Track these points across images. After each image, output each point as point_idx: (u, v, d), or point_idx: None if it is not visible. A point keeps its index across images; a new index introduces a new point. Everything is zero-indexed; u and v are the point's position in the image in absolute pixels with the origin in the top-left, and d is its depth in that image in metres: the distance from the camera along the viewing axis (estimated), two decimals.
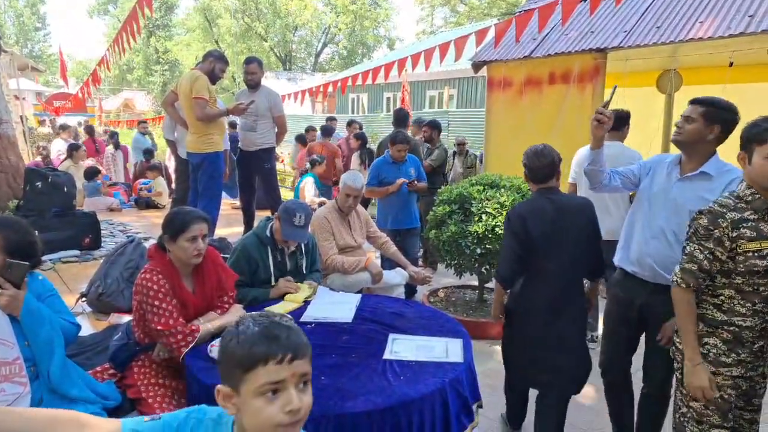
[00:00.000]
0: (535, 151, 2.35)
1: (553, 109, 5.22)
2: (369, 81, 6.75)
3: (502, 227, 3.50)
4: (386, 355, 2.12)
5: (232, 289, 2.53)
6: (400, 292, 3.58)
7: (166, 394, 2.18)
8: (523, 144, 2.56)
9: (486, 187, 3.87)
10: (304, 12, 30.02)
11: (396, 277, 3.58)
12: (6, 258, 1.86)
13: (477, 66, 5.98)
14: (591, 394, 2.95)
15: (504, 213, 3.55)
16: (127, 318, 3.16)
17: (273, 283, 2.85)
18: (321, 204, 5.81)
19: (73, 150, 7.26)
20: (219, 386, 1.06)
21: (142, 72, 36.57)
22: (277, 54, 32.92)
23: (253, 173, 5.22)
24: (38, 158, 8.36)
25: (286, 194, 7.15)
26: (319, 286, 2.94)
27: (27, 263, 1.89)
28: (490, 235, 3.55)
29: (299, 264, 3.02)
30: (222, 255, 2.61)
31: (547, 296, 2.30)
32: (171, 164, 7.80)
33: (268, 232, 2.92)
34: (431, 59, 6.06)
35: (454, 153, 6.98)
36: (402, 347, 2.19)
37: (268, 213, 5.87)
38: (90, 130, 9.90)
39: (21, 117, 7.66)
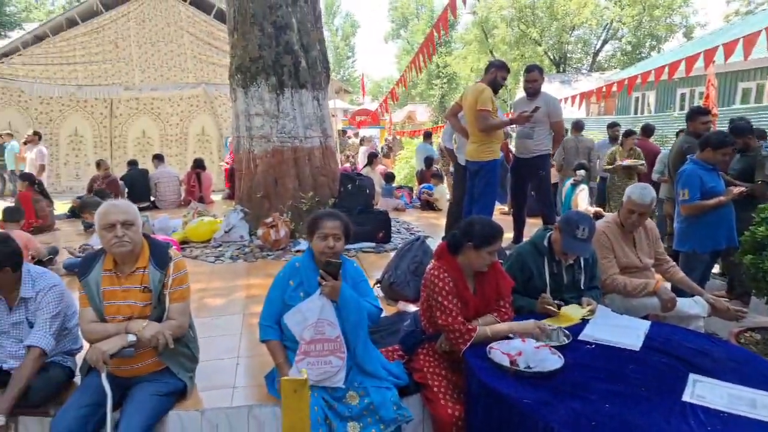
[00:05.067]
0: None
1: None
2: (664, 77, 5.94)
3: None
4: (686, 397, 1.84)
5: (509, 295, 2.58)
6: (698, 325, 3.04)
7: (448, 386, 2.35)
8: None
9: None
10: (584, 10, 28.43)
11: (694, 307, 3.05)
12: (341, 236, 2.35)
13: None
14: None
15: None
16: (412, 307, 3.54)
17: (545, 294, 2.78)
18: (596, 215, 5.40)
19: (372, 157, 8.57)
20: None
21: (424, 86, 40.48)
22: (551, 57, 32.06)
23: (526, 180, 5.20)
24: (347, 165, 10.16)
25: None
26: (599, 306, 2.74)
27: (341, 261, 2.33)
28: None
29: (576, 278, 2.87)
30: None
31: None
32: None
33: (545, 242, 2.86)
34: (753, 46, 4.98)
35: None
36: (708, 392, 1.86)
37: (536, 220, 5.80)
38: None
39: (339, 131, 9.32)
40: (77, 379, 2.53)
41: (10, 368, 2.37)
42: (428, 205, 8.19)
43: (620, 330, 2.45)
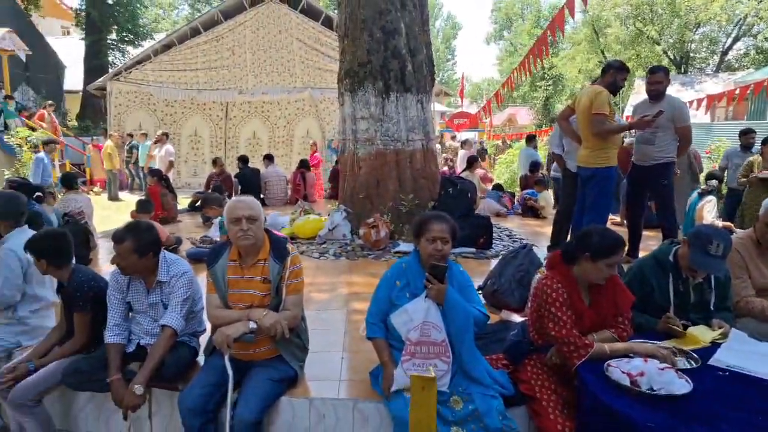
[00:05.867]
0: None
1: None
2: None
3: None
4: None
5: (628, 311, 2.42)
6: None
7: (558, 400, 2.25)
8: None
9: None
10: (711, 6, 25.80)
11: None
12: (449, 239, 2.34)
13: None
14: None
15: None
16: (516, 317, 3.44)
17: (670, 314, 2.57)
18: (726, 230, 4.88)
19: (472, 161, 8.45)
20: None
21: (527, 88, 39.10)
22: (671, 56, 29.50)
23: (645, 189, 4.83)
24: (444, 168, 10.13)
25: None
26: (732, 330, 2.47)
27: (446, 265, 2.30)
28: None
29: (705, 298, 2.62)
30: None
31: None
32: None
33: (671, 257, 2.64)
34: None
35: None
36: None
37: (652, 233, 5.36)
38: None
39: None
40: (200, 359, 2.76)
41: (147, 344, 2.66)
42: (530, 212, 7.90)
43: (759, 358, 2.19)
